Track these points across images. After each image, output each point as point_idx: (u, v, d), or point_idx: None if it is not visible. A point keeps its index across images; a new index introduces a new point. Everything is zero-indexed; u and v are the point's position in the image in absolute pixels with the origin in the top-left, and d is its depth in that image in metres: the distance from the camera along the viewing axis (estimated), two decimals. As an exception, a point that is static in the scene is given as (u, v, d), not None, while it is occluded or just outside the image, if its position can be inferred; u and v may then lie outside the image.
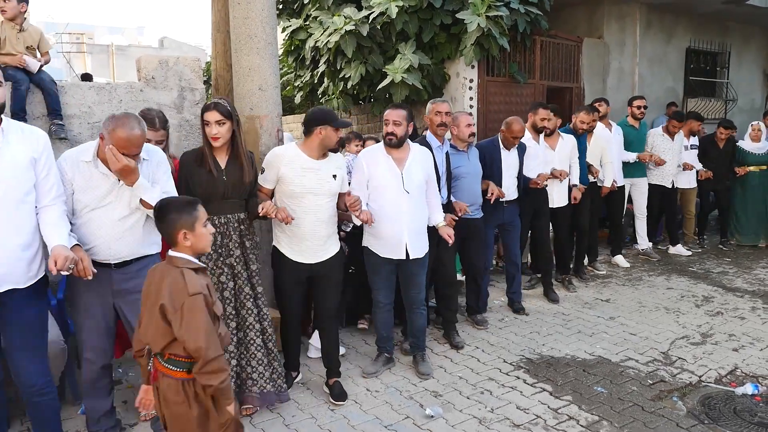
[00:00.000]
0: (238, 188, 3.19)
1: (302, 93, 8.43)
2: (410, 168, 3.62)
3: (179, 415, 2.15)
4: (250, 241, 3.29)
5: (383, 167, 3.60)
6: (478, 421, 3.22)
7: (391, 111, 3.65)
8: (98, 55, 30.31)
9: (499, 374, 3.80)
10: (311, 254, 3.36)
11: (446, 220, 3.89)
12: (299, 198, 3.28)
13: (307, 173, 3.28)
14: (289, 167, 3.27)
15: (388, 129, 3.63)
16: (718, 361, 3.97)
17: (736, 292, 5.49)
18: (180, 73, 4.29)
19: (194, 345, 2.04)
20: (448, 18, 6.40)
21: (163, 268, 2.21)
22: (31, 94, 3.79)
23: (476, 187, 4.41)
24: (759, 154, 6.95)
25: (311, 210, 3.30)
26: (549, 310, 5.05)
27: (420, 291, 3.80)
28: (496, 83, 7.12)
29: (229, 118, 3.09)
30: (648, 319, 4.79)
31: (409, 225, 3.60)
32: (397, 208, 3.57)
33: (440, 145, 4.09)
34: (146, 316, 2.19)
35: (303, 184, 3.27)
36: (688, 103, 9.68)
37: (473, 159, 4.43)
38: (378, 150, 3.68)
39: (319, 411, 3.36)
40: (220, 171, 3.15)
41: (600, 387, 3.60)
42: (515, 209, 4.89)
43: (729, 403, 3.41)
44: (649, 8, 8.89)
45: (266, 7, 4.16)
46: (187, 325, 2.05)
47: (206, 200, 3.06)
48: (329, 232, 3.41)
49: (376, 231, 3.62)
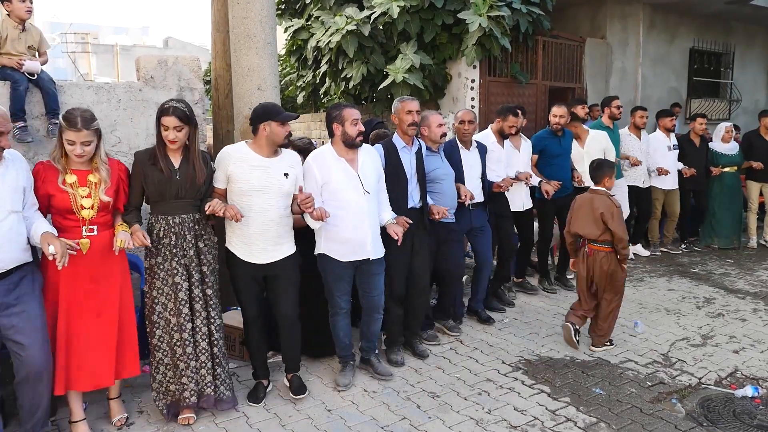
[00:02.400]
0: (191, 188, 3.14)
1: (304, 93, 8.44)
2: (364, 168, 3.53)
3: (613, 271, 4.05)
4: (205, 242, 3.24)
5: (337, 170, 3.46)
6: (475, 423, 3.21)
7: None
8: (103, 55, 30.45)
9: (497, 375, 3.79)
10: (262, 254, 3.28)
11: (398, 221, 3.66)
12: (247, 196, 3.20)
13: (255, 171, 3.20)
14: (237, 165, 3.20)
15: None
16: (718, 363, 3.95)
17: (737, 294, 5.46)
18: (179, 72, 4.29)
19: (620, 233, 3.93)
20: (450, 18, 6.40)
21: (588, 195, 4.13)
22: (30, 94, 3.79)
23: (454, 189, 4.26)
24: (730, 155, 6.92)
25: (260, 209, 3.21)
26: (548, 311, 5.03)
27: (381, 294, 3.69)
28: (497, 83, 7.10)
29: (187, 123, 3.06)
30: (648, 320, 4.77)
31: (371, 226, 3.52)
32: (358, 209, 3.46)
33: (406, 146, 3.89)
34: (581, 220, 4.11)
35: (250, 182, 3.19)
36: (692, 103, 9.65)
37: (446, 160, 4.28)
38: (327, 153, 3.51)
39: (315, 411, 3.35)
40: (173, 171, 3.10)
41: (598, 389, 3.58)
42: (483, 213, 4.65)
43: (728, 405, 3.39)
44: (652, 8, 8.85)
45: (265, 6, 4.17)
46: (617, 223, 3.93)
47: (159, 200, 3.13)
48: (281, 233, 3.31)
49: (337, 236, 3.48)
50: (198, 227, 3.21)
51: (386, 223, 3.63)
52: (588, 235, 4.09)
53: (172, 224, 3.12)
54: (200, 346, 3.19)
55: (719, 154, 6.93)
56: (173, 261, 3.13)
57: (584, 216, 4.09)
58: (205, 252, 3.23)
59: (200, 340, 3.19)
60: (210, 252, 3.26)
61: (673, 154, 6.70)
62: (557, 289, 5.54)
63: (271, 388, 3.58)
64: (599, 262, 4.05)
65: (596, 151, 5.60)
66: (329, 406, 3.41)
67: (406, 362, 3.96)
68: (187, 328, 3.14)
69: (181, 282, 3.13)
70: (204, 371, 3.20)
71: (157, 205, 3.15)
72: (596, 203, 4.03)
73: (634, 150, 6.40)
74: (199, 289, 3.18)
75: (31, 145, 3.73)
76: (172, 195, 3.11)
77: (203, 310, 3.19)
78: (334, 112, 3.48)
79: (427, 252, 4.03)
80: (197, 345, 3.18)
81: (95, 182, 2.95)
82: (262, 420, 3.26)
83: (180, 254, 3.14)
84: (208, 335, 3.22)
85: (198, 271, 3.19)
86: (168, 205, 3.12)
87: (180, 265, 3.13)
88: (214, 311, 3.24)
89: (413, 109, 3.88)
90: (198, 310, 3.17)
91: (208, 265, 3.24)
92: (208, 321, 3.22)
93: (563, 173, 5.28)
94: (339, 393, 3.57)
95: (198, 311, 3.17)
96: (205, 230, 3.26)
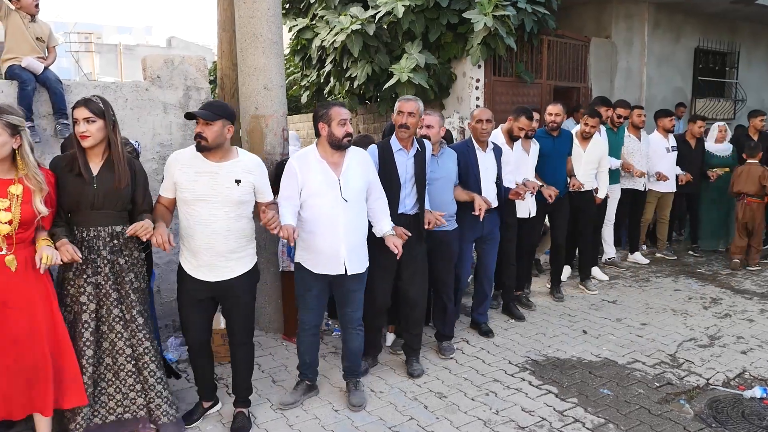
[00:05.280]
0: (111, 198, 2.83)
1: (308, 92, 8.43)
2: (348, 173, 3.21)
3: (762, 214, 6.03)
4: (126, 258, 2.93)
5: (317, 173, 3.17)
6: (483, 423, 3.20)
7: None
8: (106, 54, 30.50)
9: (504, 376, 3.78)
10: (209, 271, 2.98)
11: (396, 231, 3.41)
12: (191, 206, 2.93)
13: (200, 178, 2.90)
14: (183, 171, 2.92)
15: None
16: (726, 364, 3.93)
17: (744, 294, 5.44)
18: (185, 72, 4.29)
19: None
20: (455, 17, 6.38)
21: (746, 166, 6.17)
22: (37, 93, 3.80)
23: (446, 195, 3.97)
24: (723, 156, 6.78)
25: (204, 220, 2.91)
26: (555, 311, 5.02)
27: (357, 309, 3.40)
28: (503, 83, 7.09)
29: (101, 117, 2.75)
30: (655, 320, 4.75)
31: (347, 237, 3.19)
32: (333, 218, 3.16)
33: (402, 148, 3.62)
34: (743, 182, 6.13)
35: (194, 190, 2.90)
36: (697, 103, 9.61)
37: (445, 163, 3.98)
38: (311, 153, 3.22)
39: (322, 412, 3.34)
40: (91, 177, 2.80)
41: (606, 389, 3.57)
42: (495, 219, 4.37)
43: (737, 406, 3.37)
44: (657, 8, 8.83)
45: (271, 6, 4.16)
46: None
47: (74, 210, 2.82)
48: (232, 248, 2.98)
49: (309, 244, 3.23)
50: (117, 241, 2.89)
51: (385, 234, 3.37)
52: (748, 192, 6.08)
53: (87, 238, 2.83)
54: (126, 368, 2.93)
55: (711, 155, 6.79)
56: (82, 278, 2.83)
57: (745, 179, 6.14)
58: (126, 269, 2.92)
59: (125, 363, 2.93)
60: (133, 269, 2.95)
61: (671, 156, 6.46)
62: (564, 296, 5.32)
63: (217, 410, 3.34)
64: (754, 209, 6.13)
65: (595, 157, 5.42)
66: (336, 407, 3.40)
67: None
68: (87, 354, 2.83)
69: (88, 303, 2.84)
70: (133, 394, 2.96)
71: (74, 215, 2.85)
72: (753, 170, 6.12)
73: (635, 152, 6.17)
74: (119, 309, 2.90)
75: (38, 145, 3.72)
76: (88, 205, 2.80)
77: (124, 330, 2.91)
78: (321, 111, 3.22)
79: (421, 262, 3.74)
80: (120, 369, 2.93)
81: (17, 194, 2.57)
82: (270, 420, 3.26)
83: (90, 272, 2.83)
84: (134, 358, 2.94)
85: (116, 290, 2.89)
86: (83, 215, 2.82)
87: (89, 283, 2.84)
88: (141, 333, 2.94)
89: (404, 110, 3.57)
90: (119, 331, 2.90)
91: (131, 283, 2.93)
92: (133, 342, 2.94)
93: (554, 175, 4.95)
94: (346, 393, 3.55)
95: (119, 332, 2.90)
96: (128, 245, 2.94)
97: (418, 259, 3.71)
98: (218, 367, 3.89)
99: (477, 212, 3.89)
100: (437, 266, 3.97)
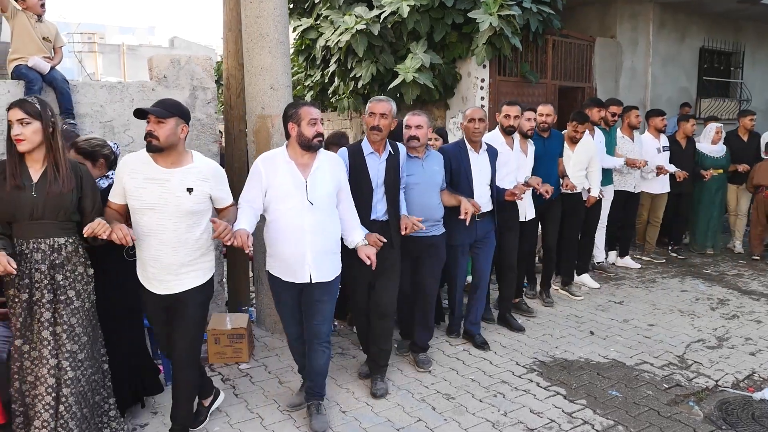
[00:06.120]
0: (52, 207, 2.58)
1: (312, 92, 8.42)
2: (316, 175, 3.03)
3: None
4: (66, 275, 2.64)
5: (284, 174, 3.00)
6: (492, 425, 3.18)
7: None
8: (109, 54, 30.50)
9: (512, 377, 3.76)
10: (159, 284, 2.79)
11: (370, 239, 3.27)
12: (140, 215, 2.72)
13: (149, 185, 2.70)
14: (132, 177, 2.71)
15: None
16: (734, 366, 3.91)
17: (752, 295, 5.41)
18: (192, 72, 4.28)
19: None
20: (460, 17, 6.36)
21: (766, 162, 6.50)
22: (44, 93, 3.79)
23: (430, 199, 3.77)
24: (717, 158, 6.73)
25: (153, 231, 2.72)
26: (561, 312, 5.00)
27: (324, 322, 3.15)
28: (507, 83, 7.06)
29: (37, 119, 2.55)
30: (662, 321, 4.73)
31: (314, 243, 3.01)
32: (299, 222, 2.98)
33: (374, 152, 3.45)
34: (763, 175, 6.47)
35: (141, 198, 2.70)
36: (702, 103, 9.58)
37: (430, 166, 3.78)
38: (279, 154, 3.06)
39: (330, 412, 3.33)
40: (29, 185, 2.57)
41: (615, 391, 3.55)
42: (490, 223, 4.21)
43: (747, 408, 3.36)
44: (662, 7, 8.80)
45: (278, 6, 4.15)
46: None
47: (13, 221, 2.59)
48: (182, 261, 2.76)
49: (276, 250, 3.07)
50: (57, 255, 2.62)
51: (357, 245, 3.21)
52: (767, 185, 6.46)
53: (26, 251, 2.58)
54: (43, 400, 2.60)
55: (705, 156, 6.73)
56: (16, 295, 2.60)
57: (764, 172, 6.50)
58: (66, 287, 2.63)
59: (44, 393, 2.59)
60: (73, 287, 2.66)
61: (663, 156, 6.37)
62: (553, 301, 5.22)
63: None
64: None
65: (584, 158, 5.33)
66: (343, 408, 3.39)
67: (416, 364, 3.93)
68: (27, 380, 2.63)
69: (15, 321, 2.63)
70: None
71: (15, 227, 2.61)
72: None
73: (629, 152, 6.07)
74: (49, 332, 2.61)
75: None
76: (26, 215, 2.56)
77: (51, 356, 2.60)
78: (290, 110, 3.05)
79: (392, 270, 3.51)
80: (39, 398, 2.61)
81: None
82: (277, 421, 3.25)
83: (24, 287, 2.59)
84: (55, 388, 2.60)
85: (51, 310, 2.61)
86: (23, 227, 2.59)
87: (21, 300, 2.61)
88: (67, 361, 2.61)
89: (377, 111, 3.38)
90: (44, 356, 2.59)
91: (66, 303, 2.63)
92: (59, 369, 2.61)
93: (547, 176, 4.76)
94: (353, 394, 3.55)
95: (44, 357, 2.59)
96: (71, 260, 2.66)
97: (389, 267, 3.49)
98: (224, 368, 3.89)
99: (463, 216, 3.71)
100: (422, 272, 3.84)
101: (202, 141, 4.36)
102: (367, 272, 3.32)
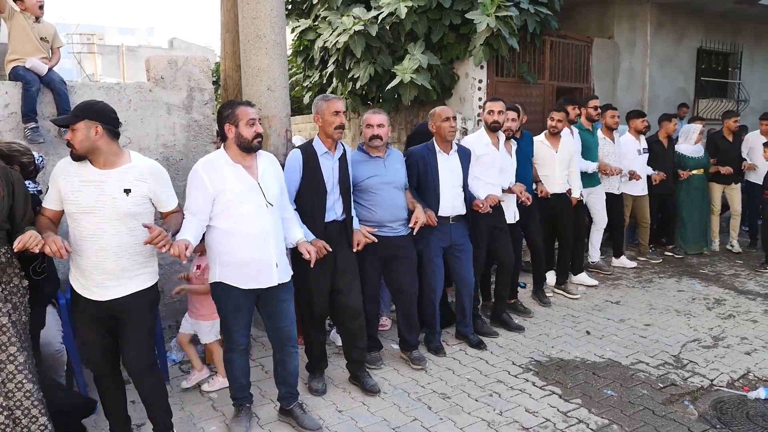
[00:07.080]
0: None
1: (311, 93, 8.43)
2: (265, 177, 2.97)
3: None
4: (3, 287, 2.50)
5: (234, 178, 2.89)
6: (487, 424, 3.20)
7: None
8: (108, 55, 30.53)
9: (507, 376, 3.78)
10: (99, 290, 2.65)
11: (316, 245, 3.22)
12: (77, 220, 2.60)
13: (85, 188, 2.58)
14: (67, 180, 2.59)
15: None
16: (730, 365, 3.92)
17: (748, 295, 5.43)
18: (189, 73, 4.30)
19: None
20: (458, 18, 6.37)
21: None
22: (42, 95, 3.81)
23: (398, 199, 3.74)
24: (697, 158, 6.78)
25: (92, 235, 2.59)
26: (558, 312, 5.01)
27: (292, 324, 3.13)
28: (505, 84, 7.08)
29: None
30: (658, 321, 4.74)
31: (277, 244, 2.98)
32: (260, 225, 2.91)
33: (328, 151, 3.41)
34: None
35: (77, 202, 2.57)
36: (699, 103, 9.61)
37: (393, 164, 3.74)
38: (220, 159, 2.93)
39: (326, 412, 3.34)
40: None
41: (610, 390, 3.57)
42: (464, 228, 4.11)
43: (741, 407, 3.37)
44: (660, 8, 8.82)
45: (275, 7, 4.17)
46: None
47: None
48: (124, 266, 2.65)
49: (234, 258, 2.92)
50: None
51: (298, 242, 3.14)
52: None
53: None
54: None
55: (686, 157, 6.76)
56: None
57: None
58: (3, 299, 2.50)
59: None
60: (11, 299, 2.53)
61: (642, 158, 6.39)
62: (550, 301, 5.22)
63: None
64: None
65: (567, 156, 5.31)
66: (340, 407, 3.40)
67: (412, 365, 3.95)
68: None
69: None
70: None
71: None
72: None
73: (609, 154, 6.09)
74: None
75: (42, 146, 3.74)
76: None
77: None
78: (226, 111, 2.91)
79: (354, 270, 3.52)
80: None
81: None
82: (273, 421, 3.26)
83: None
84: (8, 408, 2.49)
85: None
86: None
87: None
88: (22, 374, 2.50)
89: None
90: None
91: (11, 315, 2.52)
92: (9, 388, 2.49)
93: (523, 177, 4.76)
94: (349, 394, 3.56)
95: None
96: (6, 271, 2.53)
97: (351, 267, 3.49)
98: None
99: (412, 224, 3.68)
100: (396, 272, 3.82)
101: (199, 142, 4.37)
102: (327, 271, 3.36)
